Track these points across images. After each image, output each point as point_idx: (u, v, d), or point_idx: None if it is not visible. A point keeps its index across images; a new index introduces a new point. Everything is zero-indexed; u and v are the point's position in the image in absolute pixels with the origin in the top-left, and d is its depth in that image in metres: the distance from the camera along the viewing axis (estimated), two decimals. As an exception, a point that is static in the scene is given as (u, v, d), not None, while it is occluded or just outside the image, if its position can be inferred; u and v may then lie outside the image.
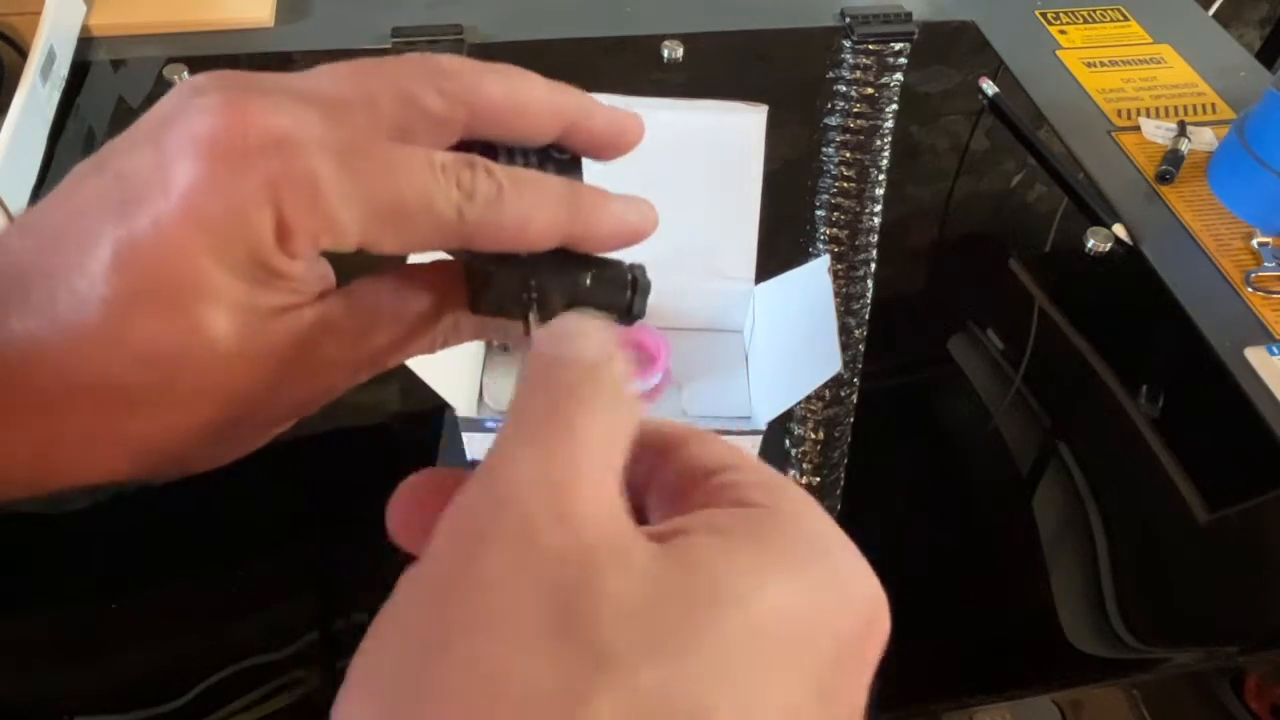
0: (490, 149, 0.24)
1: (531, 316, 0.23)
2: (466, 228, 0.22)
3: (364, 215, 0.21)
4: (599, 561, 0.15)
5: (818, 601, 0.16)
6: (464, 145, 0.23)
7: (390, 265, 0.24)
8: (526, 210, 0.22)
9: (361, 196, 0.20)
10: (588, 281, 0.23)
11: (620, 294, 0.24)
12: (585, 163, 0.27)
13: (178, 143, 0.20)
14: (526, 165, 0.24)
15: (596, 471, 0.17)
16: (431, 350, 0.25)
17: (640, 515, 0.20)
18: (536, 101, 0.24)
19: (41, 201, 0.21)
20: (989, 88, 0.82)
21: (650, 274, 0.26)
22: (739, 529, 0.17)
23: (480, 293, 0.23)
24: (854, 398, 0.61)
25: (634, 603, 0.15)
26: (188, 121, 0.20)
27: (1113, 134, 0.79)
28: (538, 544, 0.15)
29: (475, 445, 0.54)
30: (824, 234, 0.71)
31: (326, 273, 0.23)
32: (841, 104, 0.81)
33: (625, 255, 0.26)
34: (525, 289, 0.22)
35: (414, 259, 0.25)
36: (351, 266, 0.24)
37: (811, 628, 0.16)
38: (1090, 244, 0.69)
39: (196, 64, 0.79)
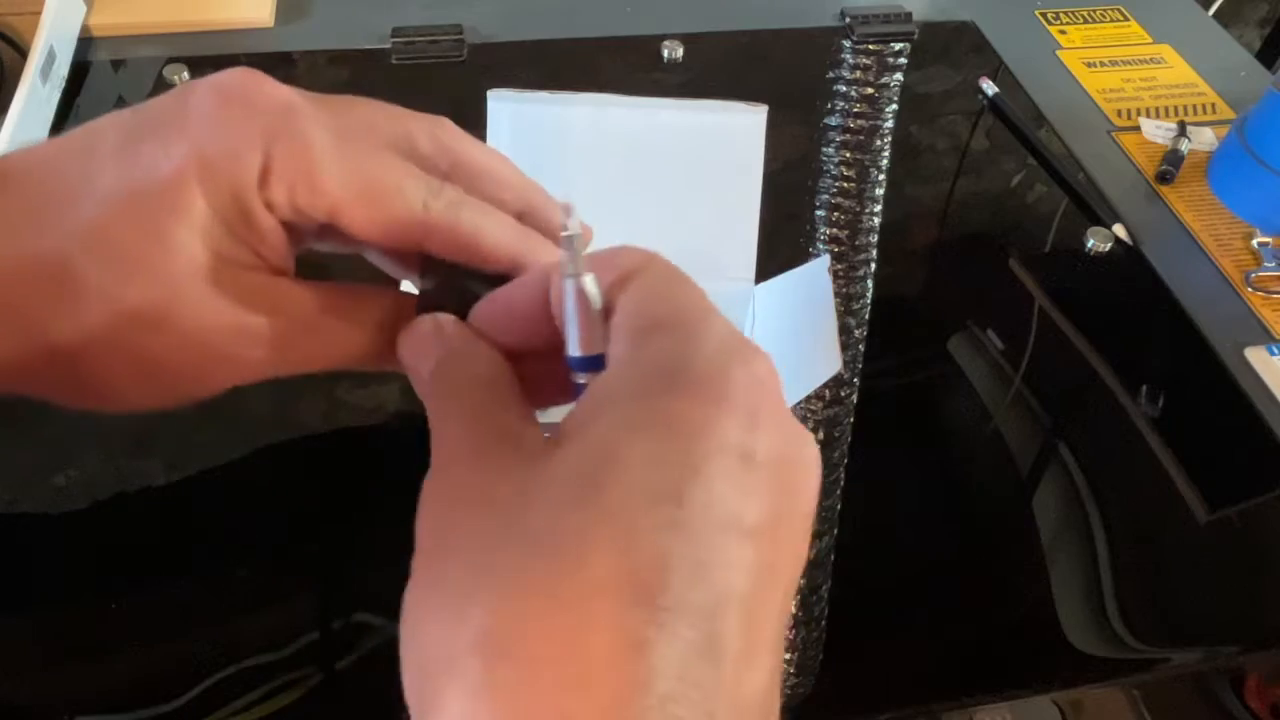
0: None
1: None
2: (429, 219, 0.24)
3: (341, 182, 0.24)
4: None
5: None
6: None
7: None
8: (482, 223, 0.25)
9: (343, 166, 0.24)
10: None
11: None
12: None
13: (200, 89, 0.24)
14: None
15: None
16: (348, 365, 0.26)
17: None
18: (509, 184, 0.27)
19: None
20: (989, 88, 0.82)
21: None
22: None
23: (427, 290, 0.25)
24: (854, 398, 0.61)
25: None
26: (212, 79, 0.24)
27: (1113, 134, 0.79)
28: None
29: (475, 445, 0.54)
30: (824, 234, 0.71)
31: (288, 258, 0.25)
32: (841, 104, 0.81)
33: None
34: (466, 294, 0.25)
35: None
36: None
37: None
38: (1090, 244, 0.69)
39: (196, 64, 0.79)
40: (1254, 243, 0.69)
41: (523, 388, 0.23)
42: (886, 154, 0.78)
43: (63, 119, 0.75)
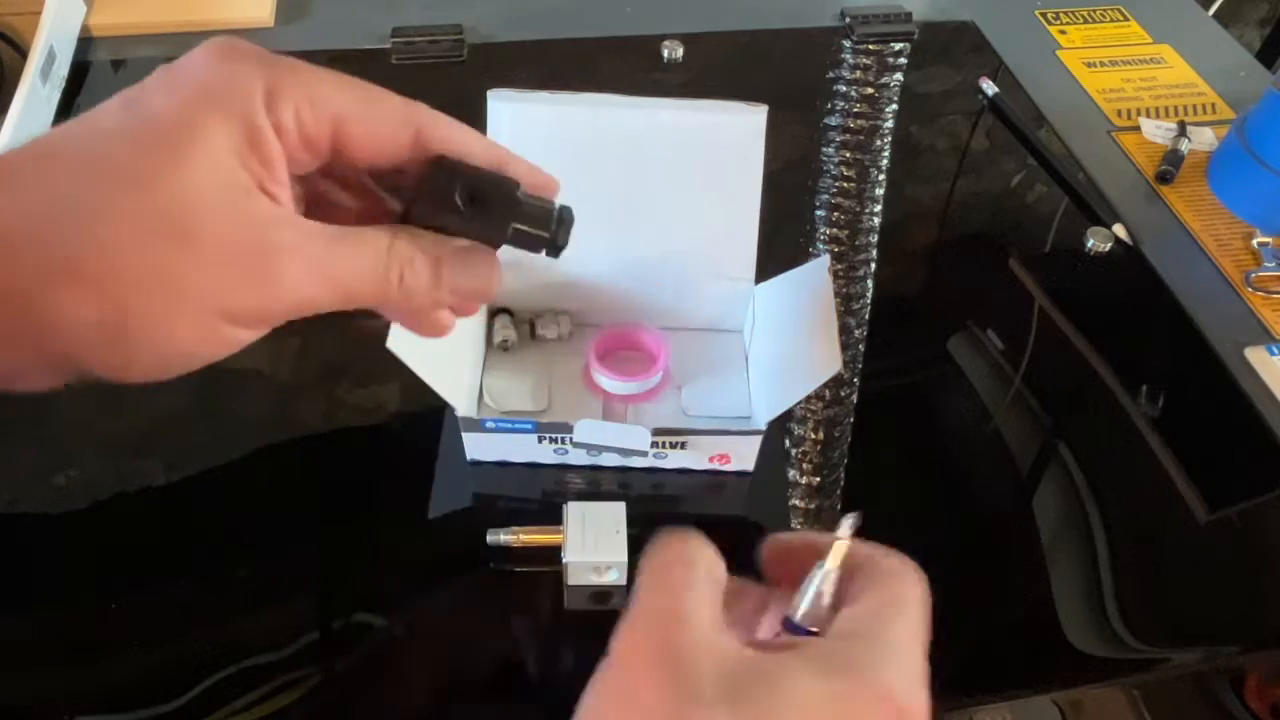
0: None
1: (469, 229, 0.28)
2: (423, 115, 0.27)
3: (342, 93, 0.26)
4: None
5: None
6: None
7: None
8: (465, 128, 0.28)
9: (341, 81, 0.26)
10: (520, 194, 0.28)
11: (547, 220, 0.28)
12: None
13: (191, 53, 0.25)
14: None
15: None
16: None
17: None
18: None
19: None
20: (989, 88, 0.82)
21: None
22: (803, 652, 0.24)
23: (421, 192, 0.27)
24: (854, 398, 0.61)
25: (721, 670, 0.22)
26: (198, 48, 0.25)
27: (1113, 134, 0.79)
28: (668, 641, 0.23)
29: (475, 445, 0.54)
30: (824, 234, 0.71)
31: (292, 200, 0.26)
32: (841, 104, 0.81)
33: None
34: (459, 193, 0.27)
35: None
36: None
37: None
38: (1090, 244, 0.69)
39: (196, 64, 0.79)
40: (1254, 243, 0.69)
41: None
42: (886, 154, 0.78)
43: (63, 119, 0.74)
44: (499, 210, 0.28)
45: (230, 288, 0.24)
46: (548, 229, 0.28)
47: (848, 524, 0.28)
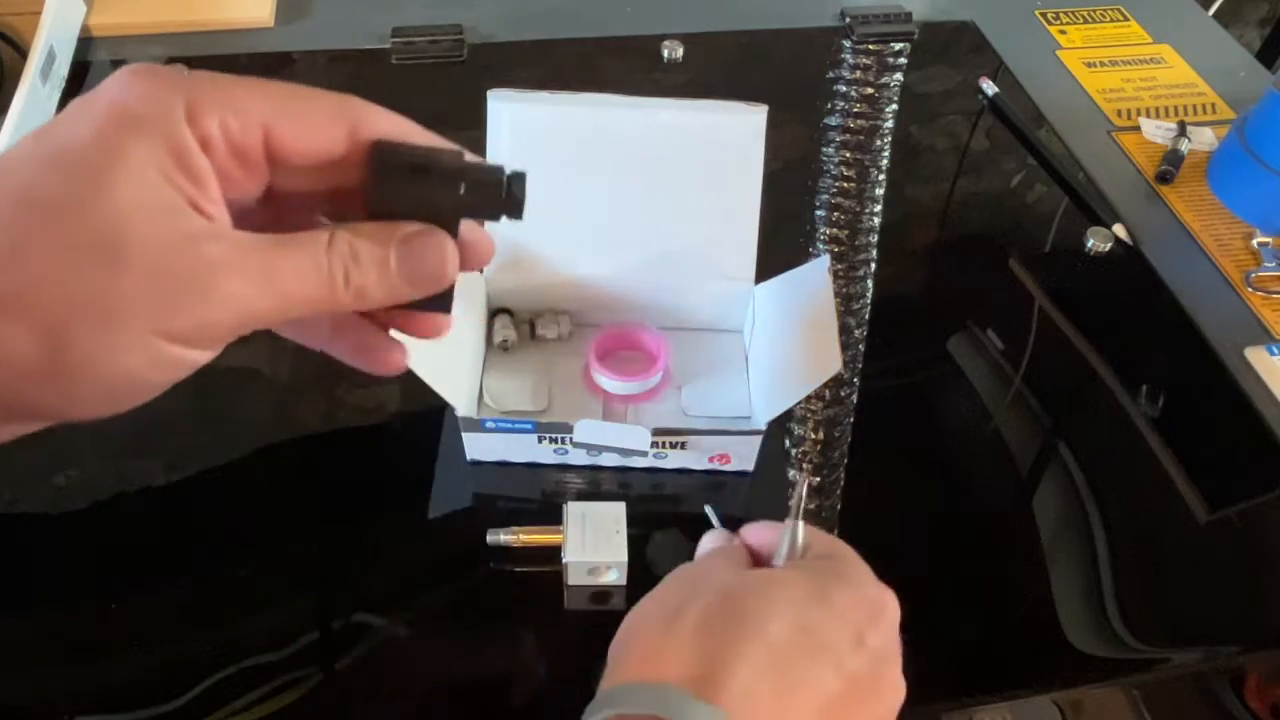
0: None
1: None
2: (357, 106, 0.26)
3: (266, 97, 0.25)
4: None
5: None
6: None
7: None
8: (395, 115, 0.27)
9: (264, 87, 0.25)
10: (466, 160, 0.27)
11: (498, 177, 0.27)
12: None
13: (104, 83, 0.24)
14: None
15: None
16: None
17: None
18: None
19: None
20: (989, 88, 0.82)
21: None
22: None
23: (365, 176, 0.26)
24: (854, 398, 0.61)
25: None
26: (112, 75, 0.24)
27: (1113, 134, 0.79)
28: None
29: (475, 445, 0.54)
30: (824, 234, 0.71)
31: (228, 218, 0.25)
32: (841, 104, 0.81)
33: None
34: (403, 166, 0.26)
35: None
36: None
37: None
38: (1090, 244, 0.69)
39: (196, 64, 0.79)
40: (1254, 243, 0.69)
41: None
42: (886, 154, 0.78)
43: (63, 119, 0.75)
44: (447, 176, 0.27)
45: (167, 306, 0.23)
46: (500, 186, 0.27)
47: (804, 483, 0.37)
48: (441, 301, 0.28)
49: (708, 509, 0.45)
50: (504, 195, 0.27)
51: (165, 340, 0.23)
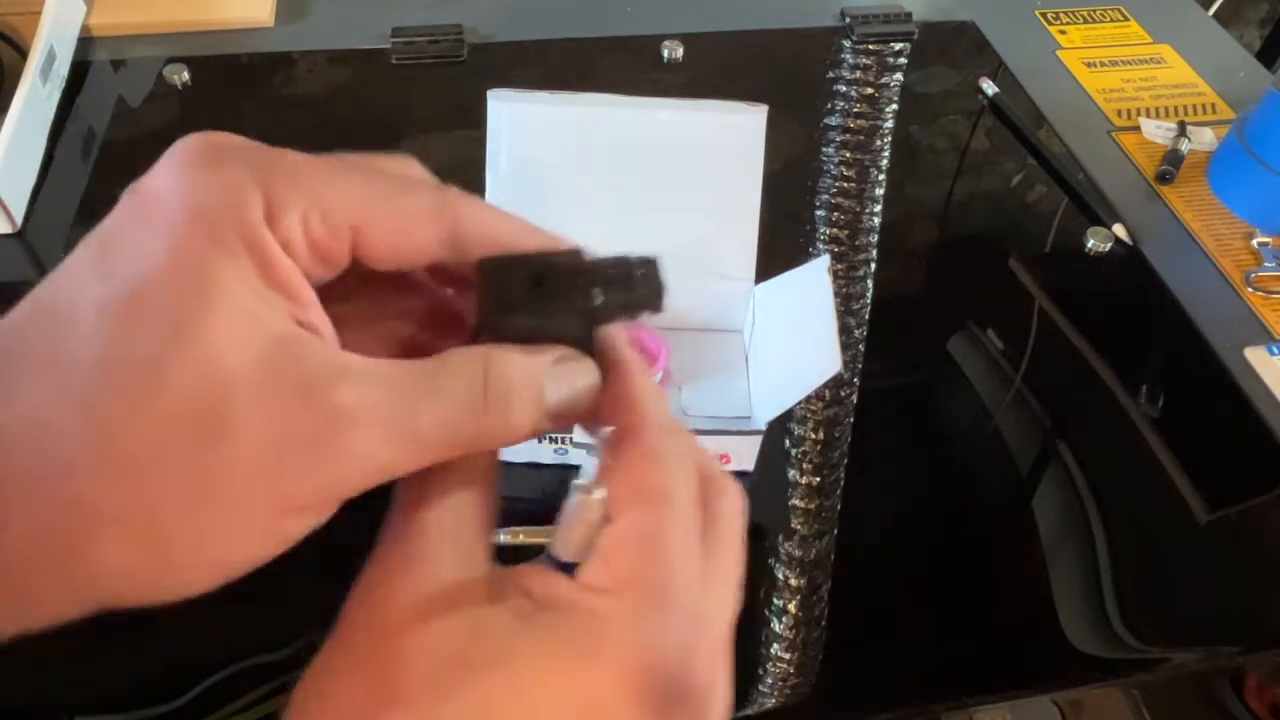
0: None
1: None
2: (455, 201, 0.22)
3: (353, 191, 0.21)
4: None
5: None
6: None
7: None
8: (492, 209, 0.23)
9: (352, 182, 0.21)
10: (598, 299, 0.23)
11: (628, 270, 0.23)
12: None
13: (158, 170, 0.20)
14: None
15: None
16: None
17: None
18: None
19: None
20: (989, 88, 0.82)
21: None
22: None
23: (484, 302, 0.22)
24: (854, 398, 0.61)
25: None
26: (166, 157, 0.20)
27: (1113, 134, 0.79)
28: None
29: (475, 445, 0.54)
30: (824, 234, 0.71)
31: (328, 327, 0.21)
32: (841, 104, 0.81)
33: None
34: (526, 284, 0.22)
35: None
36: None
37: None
38: (1090, 244, 0.69)
39: (196, 64, 0.79)
40: (1254, 243, 0.69)
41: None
42: (886, 154, 0.78)
43: (63, 119, 0.75)
44: (576, 286, 0.23)
45: (288, 477, 0.19)
46: (632, 280, 0.23)
47: (605, 434, 0.23)
48: None
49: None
50: (638, 289, 0.23)
51: (284, 516, 0.20)
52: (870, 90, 0.82)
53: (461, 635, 0.20)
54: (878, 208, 0.73)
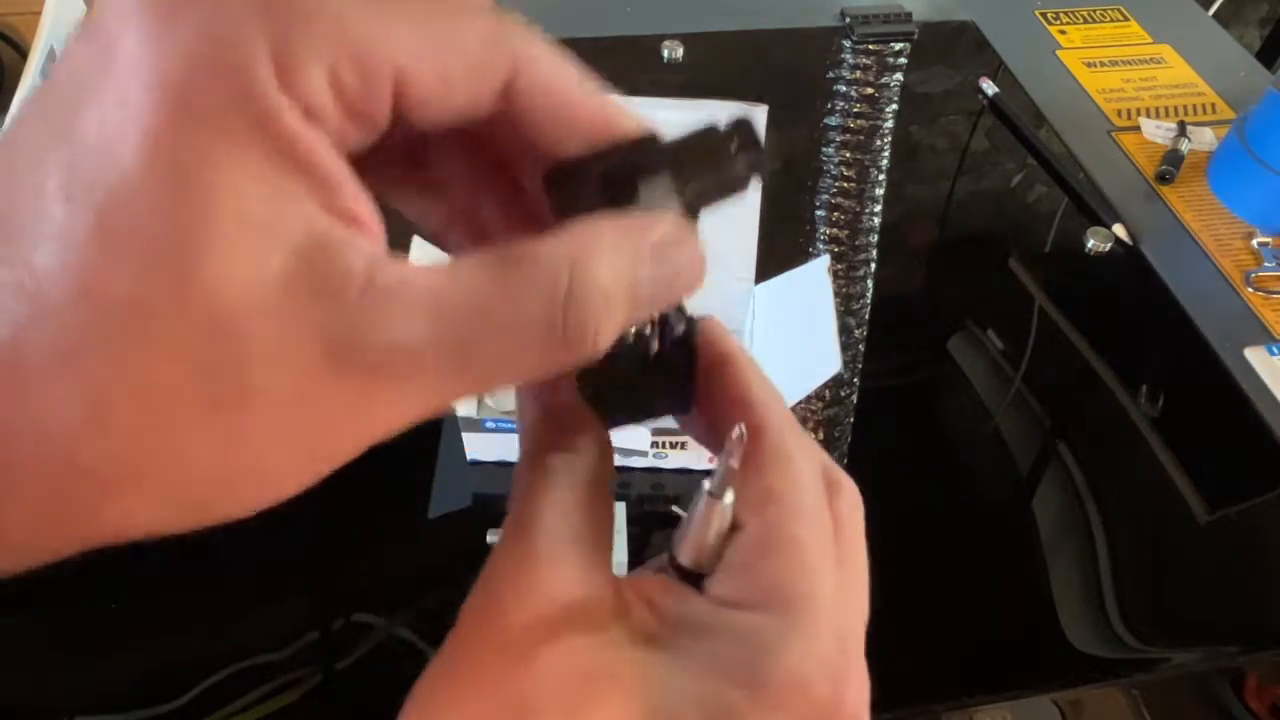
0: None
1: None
2: (506, 40, 0.17)
3: (399, 27, 0.15)
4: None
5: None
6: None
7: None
8: (568, 65, 0.19)
9: (397, 13, 0.15)
10: (689, 191, 0.19)
11: (729, 169, 0.20)
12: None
13: (113, 35, 0.14)
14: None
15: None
16: None
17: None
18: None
19: None
20: (989, 88, 0.82)
21: None
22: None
23: (560, 209, 0.18)
24: (854, 398, 0.61)
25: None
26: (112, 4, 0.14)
27: (1113, 134, 0.79)
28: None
29: (475, 445, 0.54)
30: (824, 234, 0.71)
31: (369, 207, 0.16)
32: (841, 104, 0.81)
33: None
34: (600, 193, 0.18)
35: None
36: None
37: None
38: (1090, 244, 0.69)
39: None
40: (1254, 243, 0.69)
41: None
42: (886, 154, 0.78)
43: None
44: (665, 173, 0.19)
45: (319, 434, 0.16)
46: (728, 152, 0.20)
47: (736, 435, 0.20)
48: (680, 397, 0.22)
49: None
50: (735, 163, 0.20)
51: (320, 462, 0.17)
52: (870, 90, 0.82)
53: (591, 653, 0.18)
54: (878, 208, 0.73)
